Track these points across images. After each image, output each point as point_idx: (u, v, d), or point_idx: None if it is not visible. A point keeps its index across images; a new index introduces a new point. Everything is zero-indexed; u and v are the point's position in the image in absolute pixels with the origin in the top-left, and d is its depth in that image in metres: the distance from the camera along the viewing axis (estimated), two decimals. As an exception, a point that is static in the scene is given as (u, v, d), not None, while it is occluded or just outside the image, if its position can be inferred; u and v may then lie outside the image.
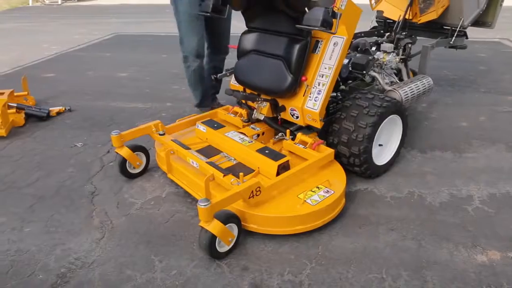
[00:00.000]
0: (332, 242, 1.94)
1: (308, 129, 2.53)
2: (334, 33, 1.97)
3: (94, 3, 12.85)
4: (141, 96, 4.09)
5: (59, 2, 12.51)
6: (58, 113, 3.68)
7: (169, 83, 4.44)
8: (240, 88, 2.60)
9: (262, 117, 2.48)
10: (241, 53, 2.48)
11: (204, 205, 1.66)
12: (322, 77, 2.21)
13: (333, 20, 1.94)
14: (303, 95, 2.25)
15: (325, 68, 2.21)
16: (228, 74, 2.72)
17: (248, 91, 2.54)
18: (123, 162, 2.45)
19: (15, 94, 3.67)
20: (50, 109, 3.64)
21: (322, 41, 2.24)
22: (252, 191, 1.84)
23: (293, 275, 1.76)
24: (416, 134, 2.99)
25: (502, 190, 2.33)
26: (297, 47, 2.18)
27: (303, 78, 2.22)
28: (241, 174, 1.94)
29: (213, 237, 1.74)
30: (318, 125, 2.25)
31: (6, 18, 10.35)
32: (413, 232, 2.01)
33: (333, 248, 1.90)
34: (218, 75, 2.83)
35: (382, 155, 2.47)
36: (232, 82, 2.69)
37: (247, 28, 2.53)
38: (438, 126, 3.18)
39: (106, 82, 4.65)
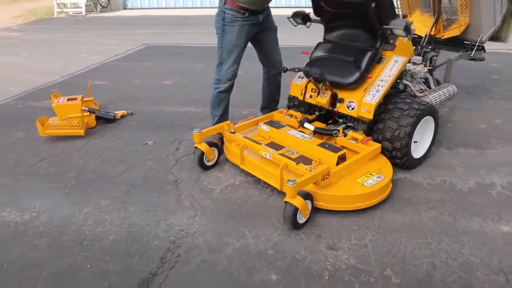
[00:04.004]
0: (384, 217, 2.42)
1: (353, 129, 3.02)
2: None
3: (116, 14, 13.45)
4: (191, 102, 4.59)
5: (83, 14, 13.12)
6: (122, 116, 4.19)
7: (212, 90, 4.95)
8: (297, 95, 3.11)
9: (313, 128, 2.96)
10: (314, 57, 3.04)
11: (292, 184, 2.15)
12: (381, 81, 2.78)
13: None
14: (364, 91, 2.80)
15: (385, 75, 2.79)
16: (296, 70, 3.10)
17: (310, 89, 3.07)
18: (201, 155, 2.94)
19: (84, 99, 4.18)
20: (115, 112, 4.15)
21: (385, 57, 2.85)
22: (324, 175, 2.33)
23: (358, 240, 2.23)
24: (442, 134, 3.46)
25: (520, 179, 2.81)
26: (368, 53, 2.82)
27: (369, 75, 2.79)
28: (314, 161, 2.43)
29: (295, 210, 2.22)
30: (370, 115, 2.74)
31: (36, 29, 10.94)
32: (449, 210, 2.48)
33: (387, 221, 2.38)
34: (289, 68, 3.05)
35: (417, 150, 2.94)
36: (294, 81, 3.23)
37: (323, 40, 3.15)
38: (460, 128, 3.66)
39: (155, 89, 5.16)
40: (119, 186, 2.90)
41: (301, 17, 3.18)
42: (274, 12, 3.25)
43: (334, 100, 2.90)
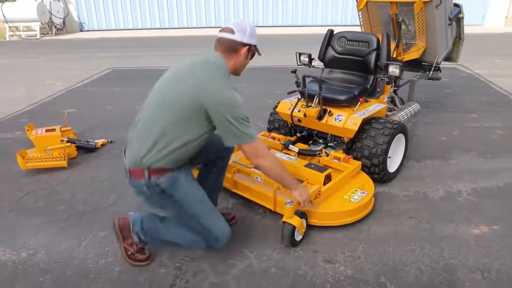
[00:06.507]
0: (371, 229, 2.66)
1: (333, 148, 3.28)
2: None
3: (73, 36, 13.20)
4: (169, 127, 4.67)
5: (38, 37, 12.76)
6: (103, 145, 4.21)
7: (188, 114, 5.06)
8: (286, 118, 3.34)
9: (297, 149, 3.19)
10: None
11: (290, 205, 2.34)
12: (368, 111, 3.17)
13: None
14: (353, 110, 3.11)
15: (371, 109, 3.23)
16: (289, 93, 3.37)
17: (300, 105, 3.31)
18: (194, 181, 3.06)
19: (62, 129, 4.16)
20: (96, 141, 4.16)
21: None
22: (316, 194, 2.54)
23: (351, 252, 2.45)
24: (409, 147, 3.78)
25: (481, 185, 3.17)
26: (365, 77, 3.41)
27: (361, 99, 3.12)
28: (304, 182, 2.64)
29: (293, 229, 2.41)
30: (356, 127, 3.00)
31: (-11, 54, 10.52)
32: (426, 218, 2.77)
33: (373, 233, 2.62)
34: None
35: (391, 164, 3.23)
36: (283, 100, 3.47)
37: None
38: (424, 141, 4.03)
39: (130, 115, 5.12)
40: (114, 216, 2.92)
41: (308, 57, 3.67)
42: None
43: (323, 113, 3.13)
